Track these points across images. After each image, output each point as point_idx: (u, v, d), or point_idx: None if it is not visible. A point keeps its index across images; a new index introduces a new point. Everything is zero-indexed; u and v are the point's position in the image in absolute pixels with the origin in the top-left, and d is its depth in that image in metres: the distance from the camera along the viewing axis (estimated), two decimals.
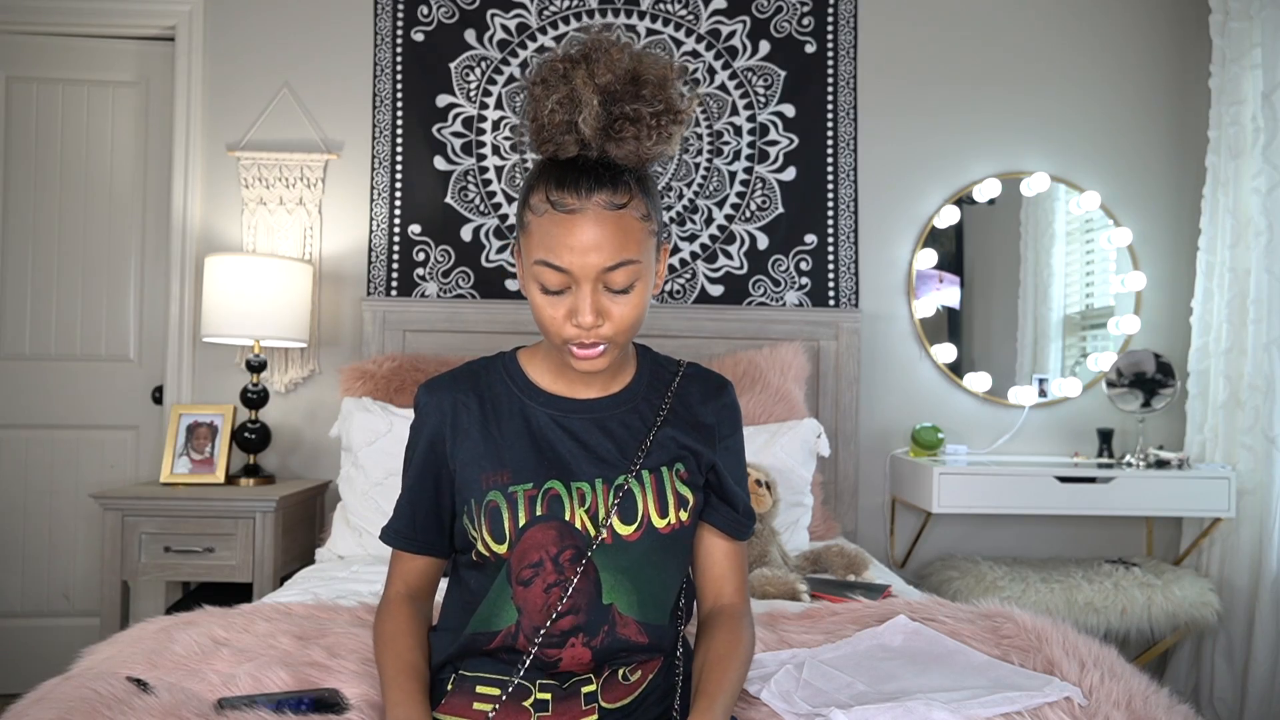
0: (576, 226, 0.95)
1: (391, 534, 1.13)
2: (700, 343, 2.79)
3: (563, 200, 0.96)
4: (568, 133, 0.97)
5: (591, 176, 0.97)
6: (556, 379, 1.10)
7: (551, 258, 0.97)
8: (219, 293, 2.52)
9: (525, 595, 1.01)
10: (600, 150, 0.97)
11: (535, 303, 1.01)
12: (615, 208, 0.97)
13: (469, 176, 2.85)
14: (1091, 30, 2.96)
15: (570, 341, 1.00)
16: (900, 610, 1.51)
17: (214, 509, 2.39)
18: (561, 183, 0.97)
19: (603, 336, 0.99)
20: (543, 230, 0.97)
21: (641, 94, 0.96)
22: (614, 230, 0.96)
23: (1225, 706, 2.59)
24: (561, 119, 0.96)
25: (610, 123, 0.96)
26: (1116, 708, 1.13)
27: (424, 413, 1.10)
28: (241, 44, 2.84)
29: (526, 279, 1.02)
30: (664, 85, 0.97)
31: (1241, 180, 2.62)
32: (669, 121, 0.98)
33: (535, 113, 0.98)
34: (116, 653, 1.36)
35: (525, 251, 1.01)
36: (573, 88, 0.95)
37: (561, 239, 0.96)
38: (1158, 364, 2.76)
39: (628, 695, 1.06)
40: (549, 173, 0.99)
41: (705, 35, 2.89)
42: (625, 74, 0.96)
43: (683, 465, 1.09)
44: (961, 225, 2.93)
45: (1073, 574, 2.54)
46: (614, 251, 0.96)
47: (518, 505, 1.02)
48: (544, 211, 0.97)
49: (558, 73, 0.96)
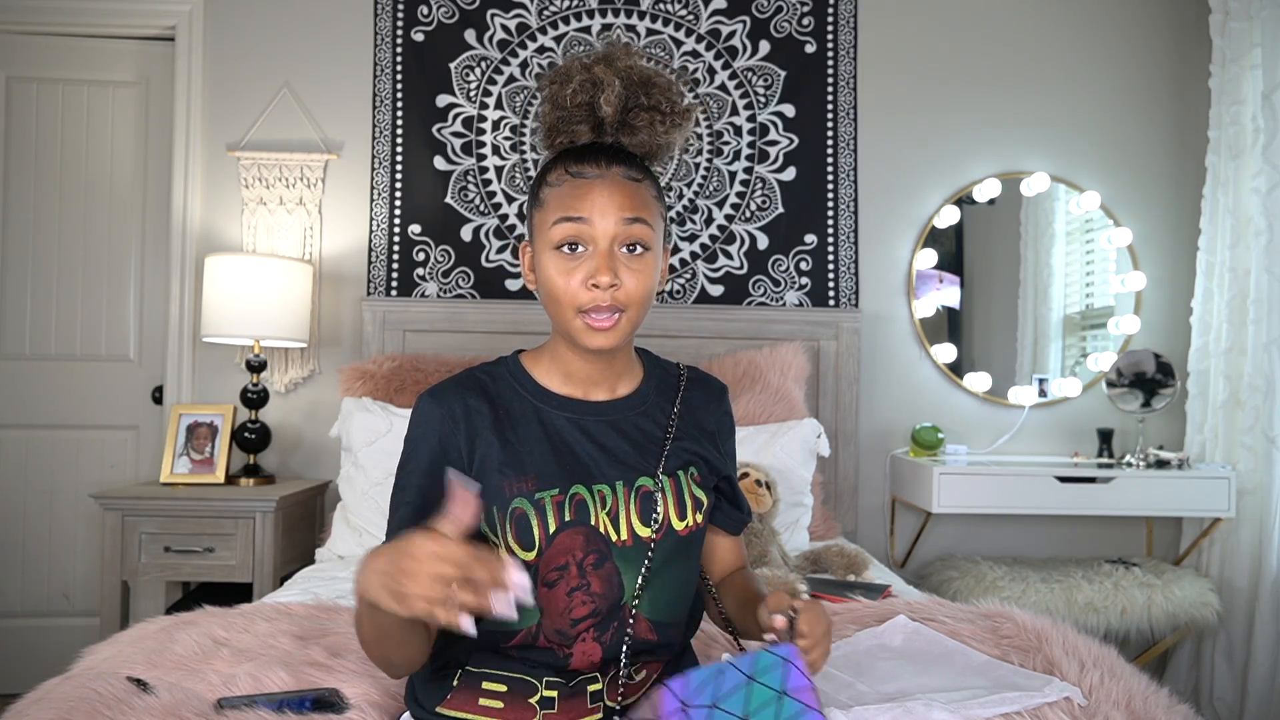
0: (598, 187, 1.01)
1: None
2: (700, 343, 2.79)
3: (582, 170, 1.02)
4: (583, 120, 1.04)
5: (609, 153, 1.03)
6: (567, 381, 1.09)
7: (570, 211, 1.00)
8: (219, 293, 2.52)
9: (549, 597, 1.01)
10: (614, 137, 1.05)
11: (549, 275, 1.02)
12: (633, 180, 1.03)
13: (469, 176, 2.85)
14: (1091, 30, 2.96)
15: (585, 308, 1.00)
16: (900, 610, 1.51)
17: (214, 509, 2.39)
18: (581, 158, 1.03)
19: (618, 301, 1.01)
20: (563, 195, 1.02)
21: (653, 92, 1.05)
22: (632, 194, 1.02)
23: (1225, 706, 2.59)
24: (583, 100, 1.02)
25: (625, 112, 1.04)
26: (1116, 708, 1.14)
27: (430, 420, 1.06)
28: (241, 44, 2.84)
29: (541, 258, 1.03)
30: (671, 88, 1.06)
31: (1241, 180, 2.62)
32: (679, 114, 1.06)
33: (555, 99, 1.04)
34: (116, 653, 1.36)
35: (540, 228, 1.04)
36: (593, 74, 1.02)
37: (585, 197, 1.00)
38: (1158, 364, 2.76)
39: (633, 694, 1.06)
40: (564, 156, 1.05)
41: (705, 35, 2.89)
42: (639, 72, 1.04)
43: (696, 469, 1.10)
44: (961, 225, 2.93)
45: (1073, 574, 2.54)
46: (632, 208, 1.01)
47: (546, 512, 1.01)
48: (563, 181, 1.02)
49: (577, 68, 1.03)
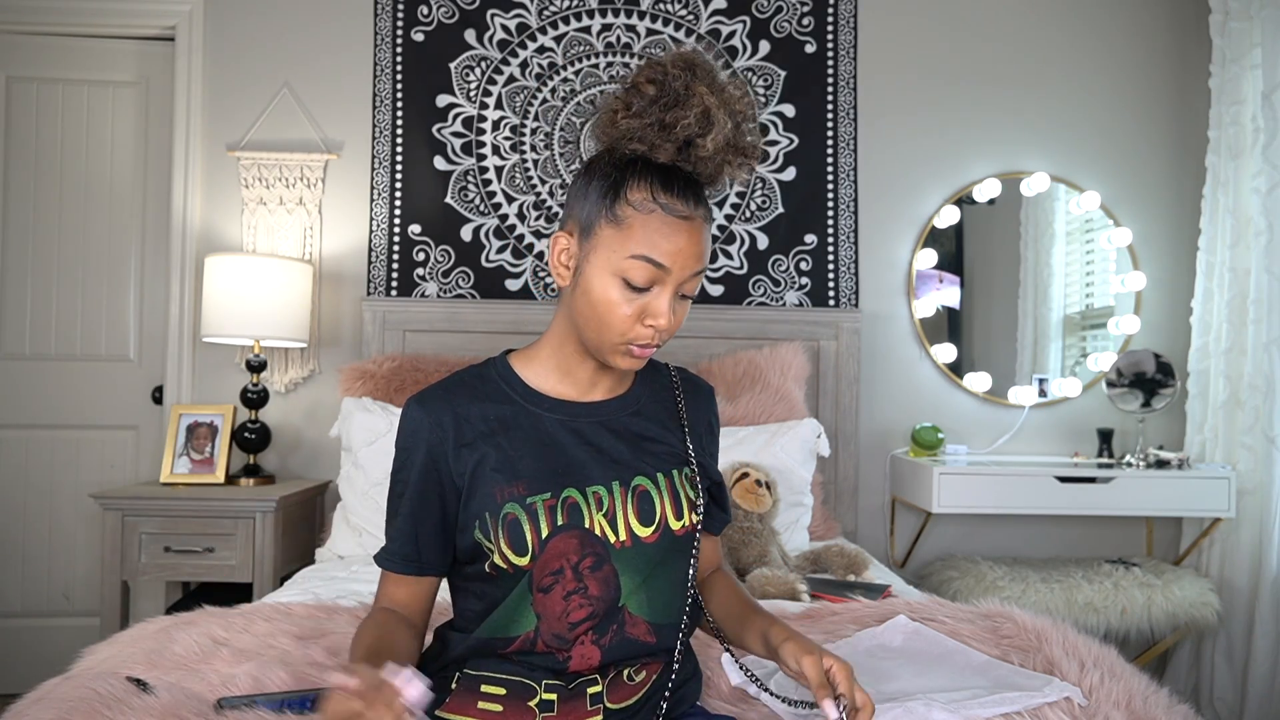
0: (688, 233, 1.00)
1: (395, 559, 1.06)
2: (700, 343, 2.79)
3: (674, 205, 1.00)
4: (672, 142, 1.00)
5: (695, 189, 1.03)
6: (564, 380, 1.09)
7: (657, 255, 0.99)
8: (219, 293, 2.52)
9: (545, 602, 1.01)
10: (693, 166, 1.03)
11: (605, 298, 1.01)
12: (708, 221, 1.04)
13: (469, 176, 2.85)
14: (1091, 30, 2.96)
15: (635, 342, 1.02)
16: (900, 610, 1.51)
17: (214, 509, 2.39)
18: (669, 187, 1.00)
19: (663, 339, 1.04)
20: (649, 228, 0.99)
21: (745, 133, 1.03)
22: (705, 241, 1.03)
23: (1225, 706, 2.59)
24: (693, 133, 1.00)
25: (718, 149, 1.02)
26: (1116, 708, 1.13)
27: (417, 427, 1.05)
28: (241, 44, 2.84)
29: (596, 271, 1.01)
30: (753, 119, 1.05)
31: (1241, 180, 2.62)
32: (758, 158, 1.06)
33: (662, 115, 1.00)
34: (116, 653, 1.36)
35: (608, 244, 1.00)
36: (707, 106, 0.99)
37: (672, 240, 0.99)
38: (1158, 364, 2.76)
39: (632, 695, 1.06)
40: (648, 173, 1.01)
41: (705, 35, 2.89)
42: (741, 108, 1.03)
43: (690, 469, 1.10)
44: (961, 225, 2.93)
45: (1073, 574, 2.54)
46: (702, 259, 1.03)
47: (538, 516, 1.00)
48: (651, 211, 1.00)
49: (679, 80, 1.00)
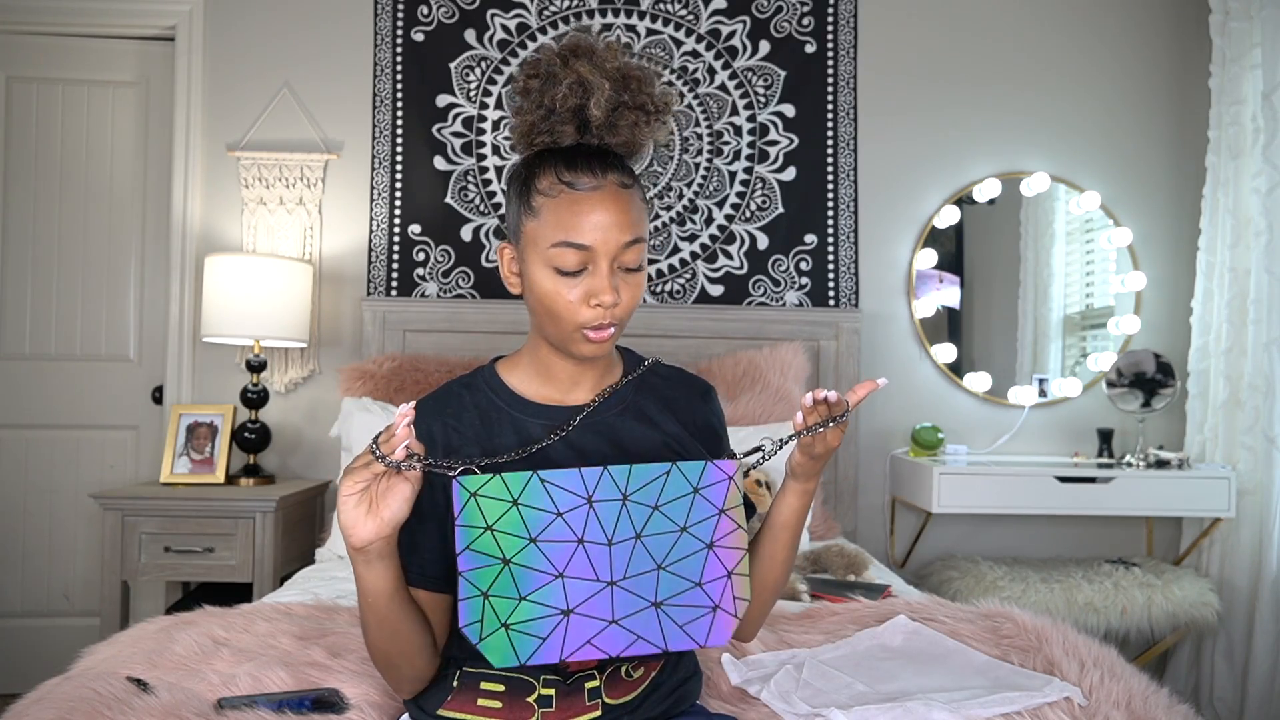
0: (598, 204, 0.98)
1: (408, 572, 1.01)
2: (700, 343, 2.79)
3: (578, 179, 0.98)
4: (570, 121, 1.00)
5: (601, 158, 1.00)
6: (548, 383, 1.09)
7: (573, 236, 0.98)
8: (219, 293, 2.52)
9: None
10: (599, 138, 1.01)
11: (546, 290, 1.00)
12: (626, 187, 1.01)
13: (469, 176, 2.85)
14: (1091, 30, 2.96)
15: (586, 326, 1.00)
16: (900, 610, 1.51)
17: (214, 509, 2.39)
18: (572, 164, 0.99)
19: (616, 317, 1.01)
20: (558, 211, 0.98)
21: (631, 88, 1.01)
22: (628, 207, 1.00)
23: (1225, 706, 2.59)
24: (574, 103, 0.99)
25: (611, 112, 1.00)
26: (1116, 708, 1.14)
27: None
28: (241, 44, 2.84)
29: (533, 268, 1.01)
30: (654, 82, 1.03)
31: (1241, 180, 2.62)
32: (661, 110, 1.03)
33: (541, 99, 1.00)
34: (116, 653, 1.36)
35: (532, 239, 1.01)
36: (580, 75, 0.98)
37: (584, 215, 0.97)
38: (1158, 364, 2.76)
39: (631, 691, 1.06)
40: (552, 159, 1.01)
41: (705, 35, 2.89)
42: (624, 69, 1.01)
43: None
44: (961, 225, 2.93)
45: (1073, 574, 2.54)
46: (630, 228, 0.99)
47: None
48: (558, 193, 0.99)
49: (556, 64, 0.99)
